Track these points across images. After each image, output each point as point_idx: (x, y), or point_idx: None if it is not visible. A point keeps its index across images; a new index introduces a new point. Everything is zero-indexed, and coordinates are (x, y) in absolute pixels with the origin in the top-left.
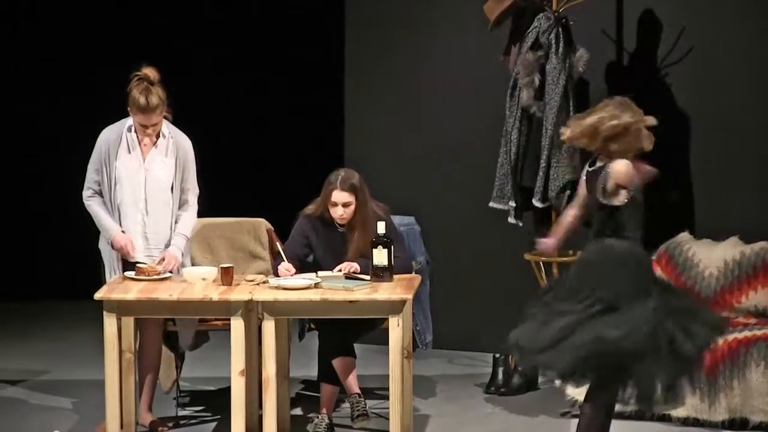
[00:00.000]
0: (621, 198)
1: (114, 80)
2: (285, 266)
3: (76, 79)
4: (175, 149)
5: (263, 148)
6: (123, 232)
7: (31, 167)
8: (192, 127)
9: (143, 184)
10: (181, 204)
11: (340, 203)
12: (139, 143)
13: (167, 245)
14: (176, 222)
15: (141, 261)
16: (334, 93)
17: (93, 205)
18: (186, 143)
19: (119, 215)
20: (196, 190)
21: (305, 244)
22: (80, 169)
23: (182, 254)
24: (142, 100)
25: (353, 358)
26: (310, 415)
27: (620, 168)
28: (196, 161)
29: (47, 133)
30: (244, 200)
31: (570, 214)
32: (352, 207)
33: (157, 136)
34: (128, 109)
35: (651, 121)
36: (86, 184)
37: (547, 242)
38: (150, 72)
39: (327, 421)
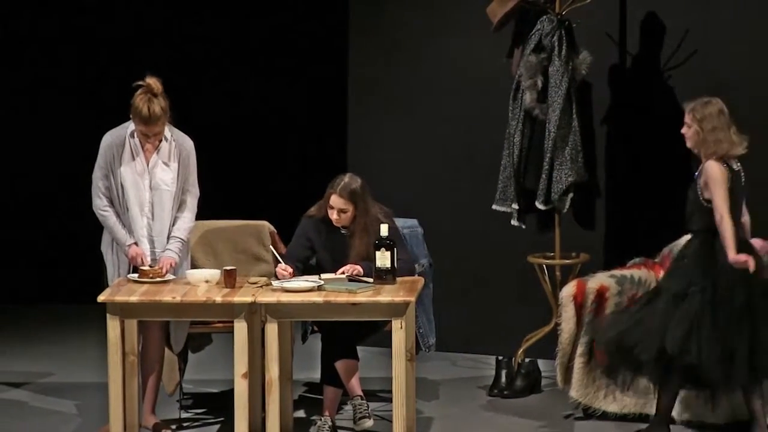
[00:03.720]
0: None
1: (114, 83)
2: (282, 267)
3: (78, 82)
4: (178, 152)
5: (266, 151)
6: (136, 243)
7: (35, 170)
8: (194, 130)
9: (148, 189)
10: (179, 206)
11: (336, 208)
12: (142, 148)
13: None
14: (173, 224)
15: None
16: (337, 96)
17: (110, 217)
18: (189, 145)
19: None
20: (196, 193)
21: (308, 246)
22: (85, 171)
23: (179, 257)
24: (144, 110)
25: (356, 361)
26: (313, 417)
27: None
28: (198, 163)
29: (50, 136)
30: (247, 203)
31: None
32: (349, 214)
33: (160, 140)
34: (131, 117)
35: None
36: (97, 191)
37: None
38: (153, 82)
39: (330, 423)
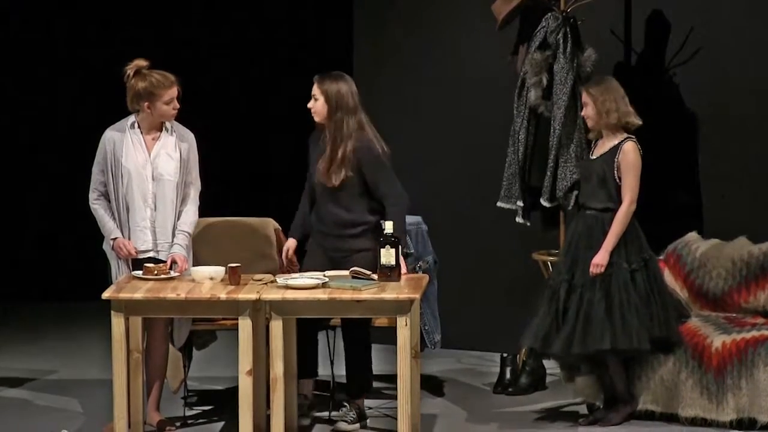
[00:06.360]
0: None
1: (114, 79)
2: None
3: (79, 78)
4: (179, 144)
5: (270, 148)
6: (124, 235)
7: (38, 167)
8: (199, 128)
9: (150, 180)
10: (183, 199)
11: (312, 95)
12: (144, 139)
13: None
14: (178, 218)
15: (148, 257)
16: None
17: (99, 209)
18: (190, 138)
19: (128, 211)
20: (198, 186)
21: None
22: (87, 168)
23: (186, 251)
24: (165, 77)
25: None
26: (317, 414)
27: None
28: (203, 161)
29: (54, 132)
30: (252, 200)
31: None
32: (320, 105)
33: (159, 129)
34: (153, 95)
35: None
36: (92, 186)
37: None
38: (143, 60)
39: (356, 411)
